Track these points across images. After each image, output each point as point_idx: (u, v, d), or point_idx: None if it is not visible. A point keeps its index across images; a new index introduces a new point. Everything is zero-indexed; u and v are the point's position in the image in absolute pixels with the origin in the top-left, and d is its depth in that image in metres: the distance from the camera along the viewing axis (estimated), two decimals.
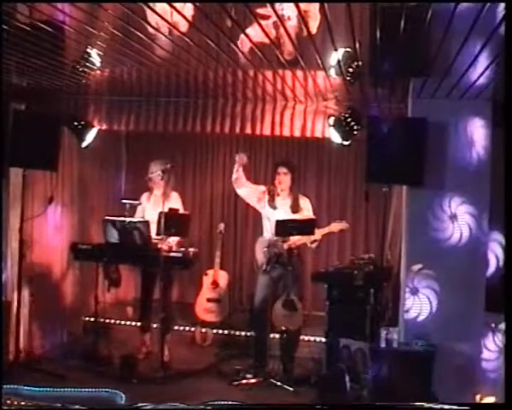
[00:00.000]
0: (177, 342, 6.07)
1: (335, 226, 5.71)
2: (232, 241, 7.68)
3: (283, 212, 5.64)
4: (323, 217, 7.00)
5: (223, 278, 6.78)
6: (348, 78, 4.57)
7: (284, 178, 5.68)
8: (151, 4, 3.62)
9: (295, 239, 5.49)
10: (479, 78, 4.42)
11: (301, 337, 5.92)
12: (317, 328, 5.96)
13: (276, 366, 5.63)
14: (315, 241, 5.65)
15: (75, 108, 6.13)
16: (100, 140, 6.14)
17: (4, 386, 4.52)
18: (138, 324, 6.31)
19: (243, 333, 6.57)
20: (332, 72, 4.62)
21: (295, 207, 5.70)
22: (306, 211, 5.75)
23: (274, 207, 5.70)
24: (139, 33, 4.06)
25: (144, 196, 6.09)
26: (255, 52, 4.28)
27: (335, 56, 4.35)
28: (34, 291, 5.85)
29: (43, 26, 4.02)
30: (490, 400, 4.88)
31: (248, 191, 5.85)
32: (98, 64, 4.85)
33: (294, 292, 5.45)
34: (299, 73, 4.96)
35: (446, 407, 3.82)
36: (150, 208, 5.93)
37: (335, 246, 7.41)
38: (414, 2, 3.57)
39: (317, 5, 4.02)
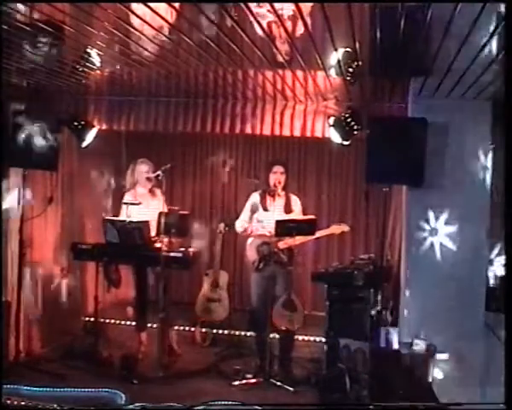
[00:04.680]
0: (177, 342, 6.07)
1: (336, 229, 5.68)
2: (232, 241, 7.68)
3: (277, 212, 5.59)
4: (323, 217, 7.01)
5: (223, 278, 6.77)
6: (348, 78, 4.57)
7: (282, 178, 5.64)
8: (151, 5, 3.62)
9: (288, 239, 5.46)
10: (479, 78, 4.42)
11: (301, 337, 5.92)
12: (317, 328, 5.96)
13: (276, 366, 5.63)
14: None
15: (75, 108, 6.13)
16: (100, 140, 6.14)
17: (4, 386, 4.52)
18: (134, 323, 6.30)
19: (243, 333, 6.58)
20: (332, 72, 4.61)
21: (288, 208, 5.65)
22: (297, 210, 5.68)
23: (267, 208, 5.65)
24: (139, 33, 4.06)
25: (128, 196, 5.96)
26: (255, 52, 4.28)
27: (335, 56, 4.35)
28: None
29: (43, 26, 4.02)
30: None
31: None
32: (98, 64, 4.85)
33: (292, 292, 5.44)
34: (299, 73, 4.96)
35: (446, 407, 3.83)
36: (139, 208, 5.86)
37: (335, 246, 7.42)
38: (414, 3, 3.57)
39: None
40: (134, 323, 6.42)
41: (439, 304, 5.02)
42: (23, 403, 4.50)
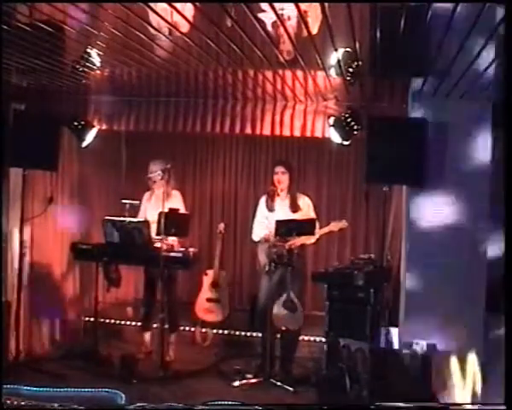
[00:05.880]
0: (177, 342, 6.07)
1: (335, 226, 5.70)
2: (232, 241, 7.68)
3: (282, 212, 5.61)
4: (323, 217, 7.00)
5: (223, 278, 6.78)
6: (348, 78, 4.57)
7: (283, 178, 5.66)
8: (151, 4, 3.62)
9: (296, 239, 5.48)
10: (479, 78, 4.42)
11: (301, 337, 5.92)
12: (317, 328, 5.96)
13: (276, 366, 5.63)
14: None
15: (75, 108, 6.12)
16: (100, 140, 6.14)
17: (4, 386, 4.52)
18: (139, 324, 6.30)
19: (243, 333, 6.58)
20: (332, 72, 4.62)
21: (294, 207, 5.67)
22: (306, 210, 5.72)
23: (272, 208, 5.67)
24: (139, 33, 4.06)
25: (146, 196, 6.08)
26: (255, 52, 4.28)
27: (335, 56, 4.35)
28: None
29: (43, 26, 4.02)
30: None
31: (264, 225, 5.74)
32: (98, 64, 4.85)
33: (295, 292, 5.44)
34: (299, 73, 4.96)
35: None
36: (151, 208, 5.93)
37: (335, 246, 7.41)
38: (414, 2, 3.57)
39: (317, 5, 4.02)
40: (134, 323, 6.42)
41: (439, 304, 5.03)
42: (23, 403, 4.50)
